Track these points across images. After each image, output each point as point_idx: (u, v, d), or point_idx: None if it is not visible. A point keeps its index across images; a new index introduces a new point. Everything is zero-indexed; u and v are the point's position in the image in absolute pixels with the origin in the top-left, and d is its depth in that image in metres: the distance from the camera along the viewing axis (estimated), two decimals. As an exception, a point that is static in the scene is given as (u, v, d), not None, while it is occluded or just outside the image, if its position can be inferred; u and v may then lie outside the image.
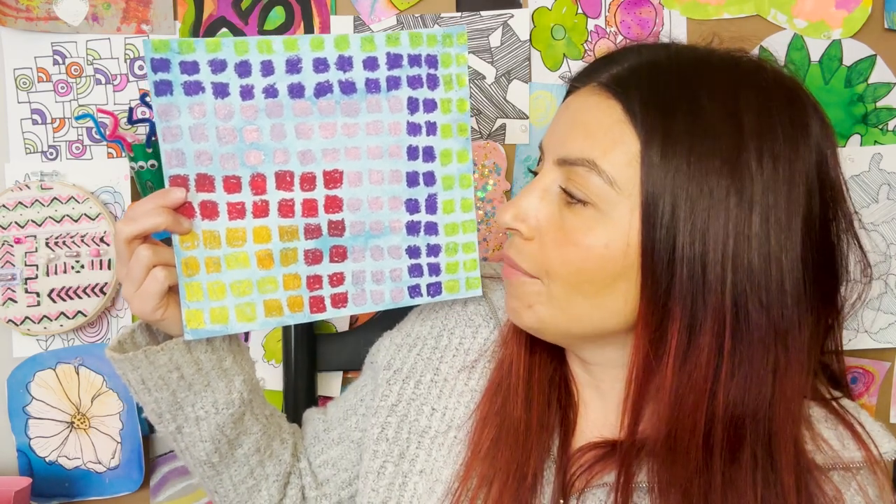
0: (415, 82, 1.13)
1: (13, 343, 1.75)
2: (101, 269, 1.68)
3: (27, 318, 1.68)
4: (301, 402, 1.67)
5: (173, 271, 1.06)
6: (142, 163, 1.66)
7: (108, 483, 1.77)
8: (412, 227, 1.16)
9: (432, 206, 1.17)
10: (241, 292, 1.09)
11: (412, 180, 1.15)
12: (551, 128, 1.08)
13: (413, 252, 1.17)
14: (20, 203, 1.67)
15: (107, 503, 1.79)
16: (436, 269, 1.19)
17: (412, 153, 1.15)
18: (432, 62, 1.14)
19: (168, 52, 1.01)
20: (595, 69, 1.06)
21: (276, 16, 1.69)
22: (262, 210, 1.08)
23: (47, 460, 1.77)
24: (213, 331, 1.09)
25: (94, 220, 1.68)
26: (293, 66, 1.07)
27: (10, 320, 1.68)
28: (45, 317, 1.69)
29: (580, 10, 1.69)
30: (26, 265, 1.67)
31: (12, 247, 1.67)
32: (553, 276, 1.02)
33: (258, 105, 1.06)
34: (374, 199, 1.14)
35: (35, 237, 1.67)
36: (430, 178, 1.16)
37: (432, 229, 1.18)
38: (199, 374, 1.13)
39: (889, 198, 1.69)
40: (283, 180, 1.09)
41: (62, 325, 1.69)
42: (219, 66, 1.04)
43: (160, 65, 1.01)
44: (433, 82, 1.15)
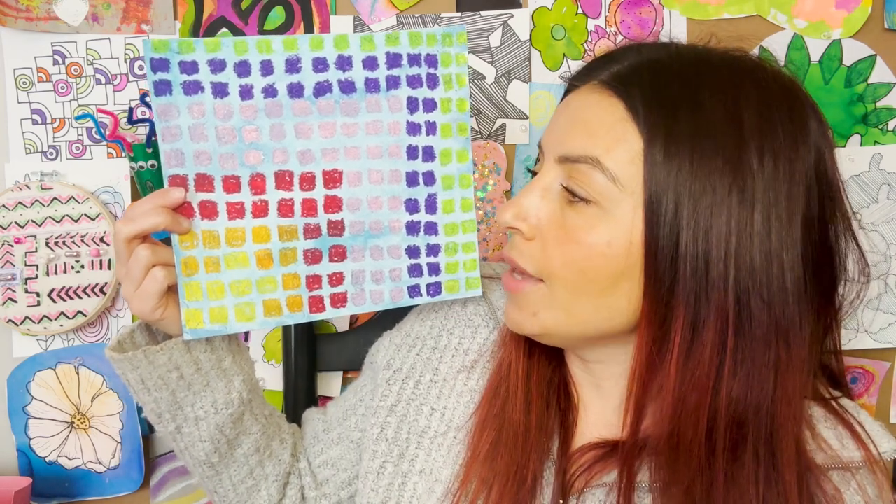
0: (414, 82, 1.13)
1: (13, 343, 1.75)
2: (101, 269, 1.68)
3: (27, 318, 1.68)
4: (301, 402, 1.67)
5: (172, 271, 1.06)
6: (142, 163, 1.66)
7: (108, 483, 1.77)
8: (412, 227, 1.16)
9: (432, 206, 1.17)
10: (241, 292, 1.09)
11: (412, 180, 1.15)
12: (551, 126, 1.08)
13: (413, 252, 1.17)
14: (20, 203, 1.67)
15: (107, 503, 1.79)
16: (435, 268, 1.18)
17: (412, 153, 1.14)
18: (432, 62, 1.14)
19: (167, 52, 1.01)
20: (594, 67, 1.07)
21: (276, 16, 1.69)
22: (261, 210, 1.08)
23: (47, 460, 1.77)
24: (212, 330, 1.09)
25: (94, 220, 1.68)
26: (292, 65, 1.06)
27: (10, 320, 1.68)
28: (45, 317, 1.69)
29: (580, 10, 1.69)
30: (26, 265, 1.67)
31: (12, 247, 1.67)
32: (555, 277, 1.01)
33: (257, 105, 1.06)
34: (374, 199, 1.13)
35: (35, 237, 1.67)
36: (429, 178, 1.16)
37: (432, 229, 1.17)
38: (198, 373, 1.12)
39: (889, 198, 1.69)
40: (283, 180, 1.08)
41: (62, 325, 1.69)
42: (218, 65, 1.04)
43: (160, 65, 1.01)
44: (433, 82, 1.14)
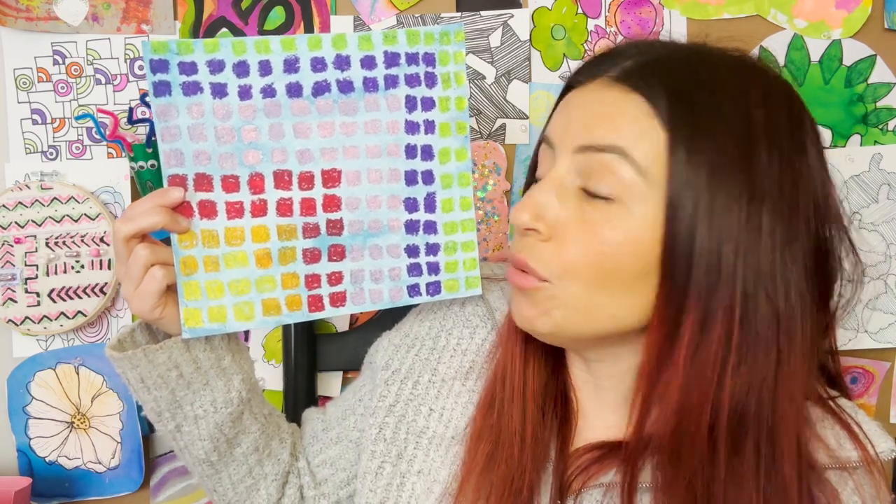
0: (413, 81, 1.13)
1: (13, 343, 1.75)
2: (101, 269, 1.69)
3: (27, 318, 1.68)
4: (301, 402, 1.67)
5: (171, 270, 1.07)
6: (142, 163, 1.66)
7: (108, 483, 1.78)
8: (411, 226, 1.16)
9: (431, 205, 1.17)
10: (240, 291, 1.09)
11: (411, 179, 1.15)
12: (558, 120, 1.06)
13: (412, 251, 1.17)
14: (20, 203, 1.67)
15: (107, 503, 1.80)
16: (435, 268, 1.18)
17: (410, 152, 1.14)
18: (430, 60, 1.14)
19: (167, 53, 1.02)
20: (600, 64, 1.06)
21: (276, 16, 1.69)
22: (260, 209, 1.08)
23: (47, 460, 1.77)
24: (211, 329, 1.09)
25: (94, 220, 1.68)
26: (291, 65, 1.07)
27: (10, 320, 1.68)
28: (45, 317, 1.69)
29: (580, 10, 1.69)
30: (26, 265, 1.67)
31: (12, 247, 1.67)
32: (574, 276, 0.99)
33: (256, 105, 1.06)
34: (373, 198, 1.13)
35: (35, 237, 1.67)
36: (428, 177, 1.16)
37: (431, 228, 1.17)
38: (197, 372, 1.13)
39: (889, 198, 1.69)
40: (282, 179, 1.09)
41: (62, 325, 1.69)
42: (217, 66, 1.04)
43: (159, 66, 1.02)
44: (431, 80, 1.14)
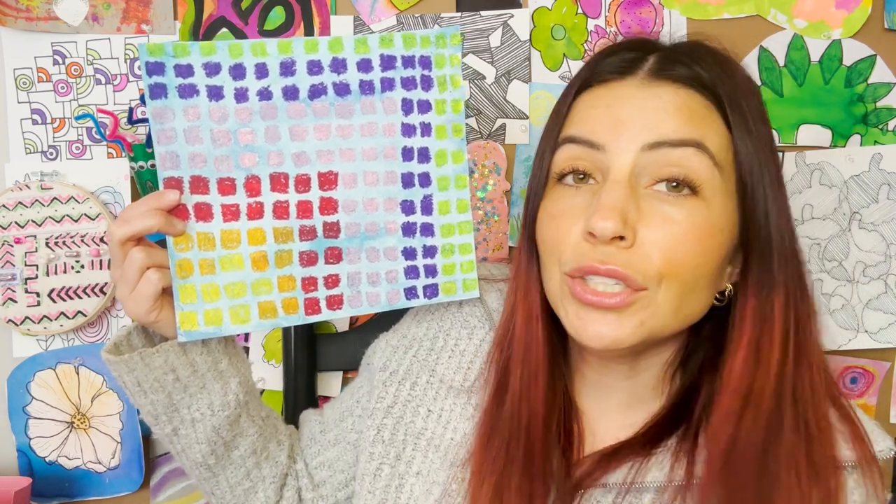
0: (409, 84, 1.13)
1: (13, 343, 1.76)
2: (101, 269, 1.69)
3: (27, 318, 1.68)
4: (301, 402, 1.67)
5: (167, 273, 1.07)
6: (142, 163, 1.67)
7: (108, 483, 1.78)
8: (408, 229, 1.16)
9: (428, 208, 1.16)
10: (236, 294, 1.09)
11: (407, 181, 1.15)
12: (599, 118, 1.03)
13: (409, 253, 1.16)
14: (20, 203, 1.67)
15: (107, 503, 1.80)
16: (432, 270, 1.18)
17: (407, 154, 1.14)
18: (426, 63, 1.14)
19: (163, 56, 1.02)
20: (624, 61, 1.06)
21: (276, 16, 1.69)
22: (256, 212, 1.08)
23: (47, 460, 1.77)
24: (207, 332, 1.09)
25: (94, 220, 1.68)
26: (287, 68, 1.07)
27: (10, 320, 1.68)
28: (45, 317, 1.69)
29: (580, 10, 1.68)
30: (26, 265, 1.67)
31: (12, 247, 1.67)
32: (674, 279, 0.98)
33: (252, 107, 1.06)
34: (370, 201, 1.13)
35: (35, 237, 1.67)
36: (425, 180, 1.16)
37: (428, 231, 1.17)
38: (194, 375, 1.12)
39: (889, 198, 1.69)
40: (278, 182, 1.09)
41: (62, 325, 1.70)
42: (213, 69, 1.04)
43: (155, 68, 1.02)
44: (427, 83, 1.14)
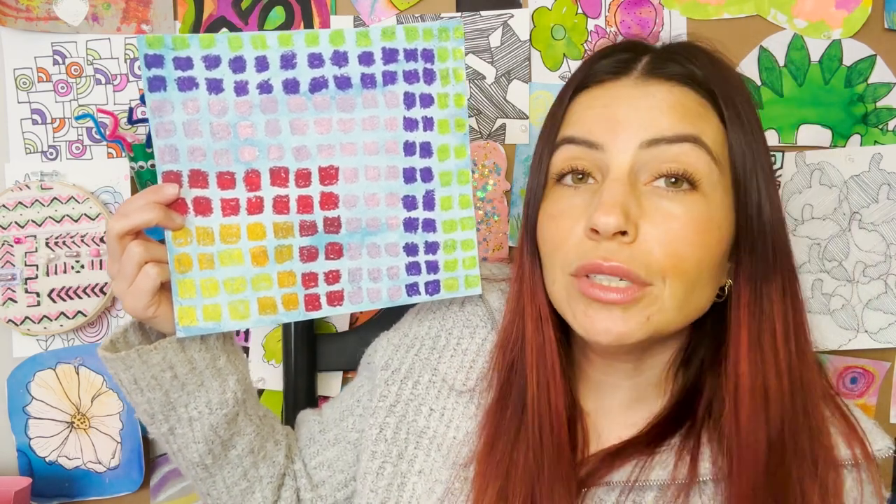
0: (411, 77, 1.12)
1: (13, 343, 1.76)
2: (101, 269, 1.69)
3: (27, 318, 1.68)
4: (301, 402, 1.66)
5: (165, 268, 1.06)
6: (142, 163, 1.67)
7: (108, 483, 1.78)
8: (409, 224, 1.15)
9: (430, 203, 1.16)
10: (235, 289, 1.08)
11: (409, 176, 1.14)
12: (596, 118, 1.04)
13: (411, 249, 1.16)
14: (20, 203, 1.67)
15: (107, 503, 1.80)
16: (434, 266, 1.17)
17: (409, 149, 1.14)
18: (428, 56, 1.13)
19: (162, 48, 1.01)
20: (618, 62, 1.08)
21: (276, 16, 1.69)
22: (256, 206, 1.08)
23: (47, 460, 1.77)
24: (206, 328, 1.08)
25: (94, 220, 1.68)
26: (288, 61, 1.06)
27: (10, 320, 1.68)
28: (45, 317, 1.69)
29: (580, 10, 1.68)
30: (26, 265, 1.67)
31: (12, 247, 1.67)
32: (678, 273, 0.98)
33: (252, 101, 1.05)
34: (371, 196, 1.12)
35: (35, 237, 1.67)
36: (427, 175, 1.15)
37: (430, 226, 1.16)
38: (192, 373, 1.12)
39: (889, 198, 1.69)
40: (278, 176, 1.08)
41: (62, 325, 1.69)
42: (213, 61, 1.03)
43: (154, 61, 1.01)
44: (430, 77, 1.14)
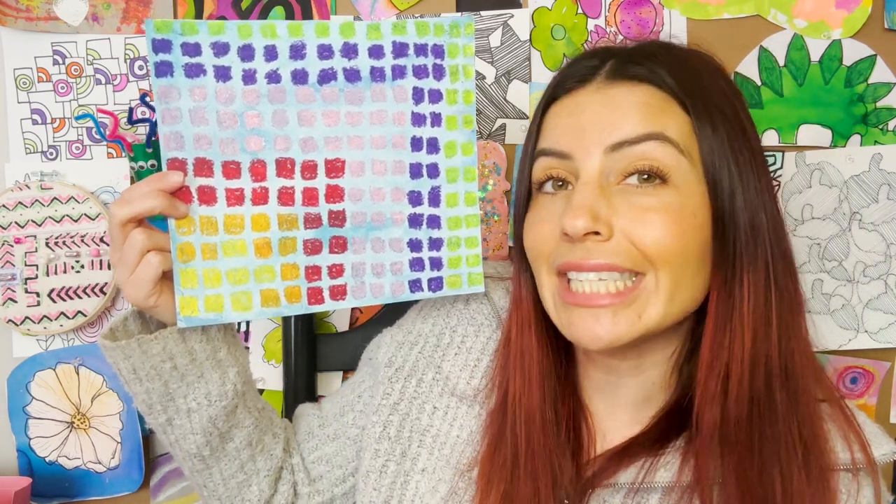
0: (420, 72, 1.12)
1: (13, 343, 1.76)
2: (101, 269, 1.68)
3: (27, 318, 1.68)
4: (301, 402, 1.65)
5: (168, 257, 1.04)
6: (142, 163, 1.66)
7: (108, 483, 1.77)
8: (414, 220, 1.15)
9: (435, 199, 1.16)
10: (238, 281, 1.07)
11: (415, 172, 1.14)
12: (563, 130, 1.06)
13: (415, 245, 1.15)
14: (20, 203, 1.67)
15: (107, 503, 1.79)
16: (438, 263, 1.17)
17: (416, 144, 1.13)
18: (439, 52, 1.13)
19: (170, 33, 1.00)
20: (580, 71, 1.09)
21: (276, 15, 1.69)
22: (261, 197, 1.07)
23: (47, 460, 1.77)
24: (207, 319, 1.07)
25: (94, 220, 1.68)
26: (297, 51, 1.05)
27: (10, 320, 1.68)
28: (45, 317, 1.69)
29: (580, 10, 1.69)
30: (26, 265, 1.67)
31: (12, 247, 1.67)
32: (661, 262, 0.99)
33: (260, 90, 1.05)
34: (377, 190, 1.12)
35: (35, 237, 1.67)
36: (433, 170, 1.15)
37: (435, 223, 1.16)
38: (192, 364, 1.11)
39: (889, 198, 1.69)
40: (284, 167, 1.07)
41: (62, 325, 1.69)
42: (221, 48, 1.02)
43: (161, 45, 1.00)
44: (439, 72, 1.13)
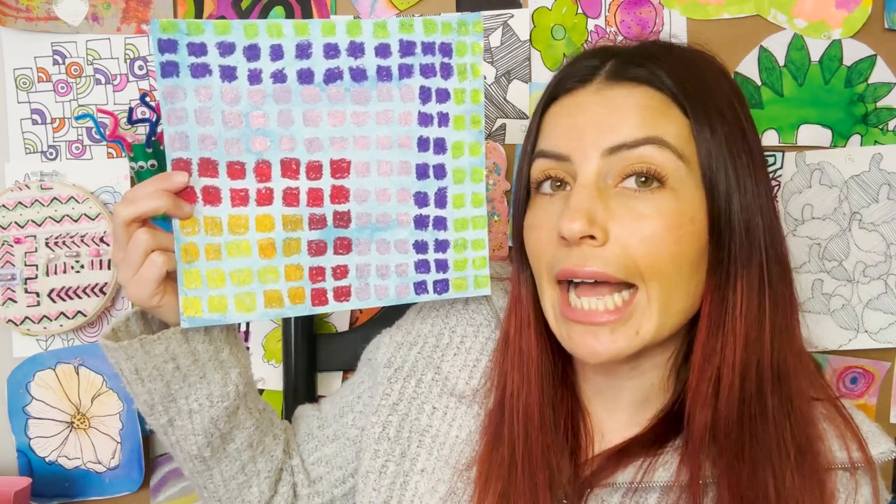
0: (428, 71, 1.11)
1: (13, 343, 1.75)
2: (100, 269, 1.68)
3: (27, 318, 1.68)
4: (301, 402, 1.65)
5: (172, 257, 1.04)
6: (142, 163, 1.66)
7: (108, 483, 1.77)
8: (420, 221, 1.14)
9: (442, 201, 1.15)
10: (241, 281, 1.07)
11: (422, 173, 1.13)
12: (562, 132, 1.06)
13: (420, 247, 1.15)
14: (20, 203, 1.66)
15: (107, 503, 1.79)
16: (443, 265, 1.17)
17: (423, 144, 1.13)
18: (446, 51, 1.12)
19: (176, 33, 1.00)
20: (580, 71, 1.09)
21: (276, 15, 1.69)
22: (266, 198, 1.07)
23: (47, 460, 1.77)
24: (211, 320, 1.07)
25: (93, 220, 1.67)
26: (303, 51, 1.05)
27: (10, 320, 1.68)
28: (44, 317, 1.68)
29: (580, 10, 1.69)
30: (26, 265, 1.67)
31: (12, 247, 1.66)
32: (652, 273, 0.99)
33: (266, 90, 1.04)
34: (382, 191, 1.12)
35: (35, 237, 1.67)
36: (440, 171, 1.14)
37: (441, 224, 1.16)
38: (195, 364, 1.10)
39: (889, 198, 1.69)
40: (289, 168, 1.07)
41: (62, 325, 1.69)
42: (227, 48, 1.02)
43: (167, 45, 1.00)
44: (447, 71, 1.13)
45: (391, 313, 1.32)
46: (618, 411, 1.14)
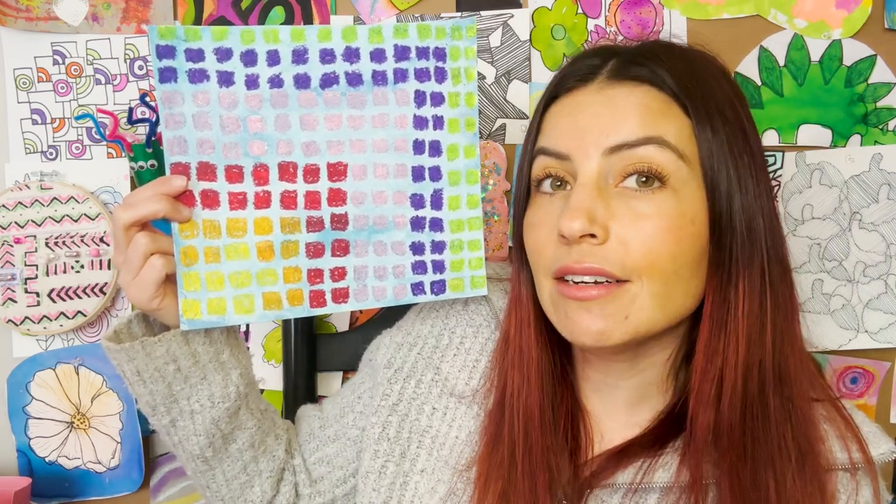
0: (422, 75, 1.12)
1: (13, 343, 1.75)
2: (100, 269, 1.68)
3: (27, 318, 1.68)
4: (301, 402, 1.65)
5: (171, 260, 1.05)
6: (142, 163, 1.66)
7: (108, 483, 1.77)
8: (417, 223, 1.15)
9: (438, 202, 1.16)
10: (240, 284, 1.08)
11: (418, 175, 1.14)
12: (563, 130, 1.06)
13: (417, 248, 1.16)
14: (20, 203, 1.66)
15: (107, 503, 1.79)
16: (440, 266, 1.17)
17: (418, 147, 1.13)
18: (440, 55, 1.13)
19: (174, 39, 1.01)
20: (582, 70, 1.08)
21: (276, 16, 1.69)
22: (263, 201, 1.07)
23: (47, 460, 1.77)
24: (210, 322, 1.07)
25: (93, 220, 1.67)
26: (299, 56, 1.06)
27: (10, 320, 1.68)
28: (44, 317, 1.68)
29: (580, 10, 1.69)
30: (26, 265, 1.67)
31: (12, 247, 1.67)
32: (649, 271, 0.99)
33: (263, 95, 1.05)
34: (379, 193, 1.12)
35: (35, 237, 1.67)
36: (436, 174, 1.15)
37: (437, 225, 1.16)
38: (196, 366, 1.11)
39: (889, 198, 1.69)
40: (287, 171, 1.08)
41: (62, 325, 1.69)
42: (224, 54, 1.03)
43: (165, 51, 1.01)
44: (441, 75, 1.13)
45: (391, 313, 1.32)
46: (616, 411, 1.14)
